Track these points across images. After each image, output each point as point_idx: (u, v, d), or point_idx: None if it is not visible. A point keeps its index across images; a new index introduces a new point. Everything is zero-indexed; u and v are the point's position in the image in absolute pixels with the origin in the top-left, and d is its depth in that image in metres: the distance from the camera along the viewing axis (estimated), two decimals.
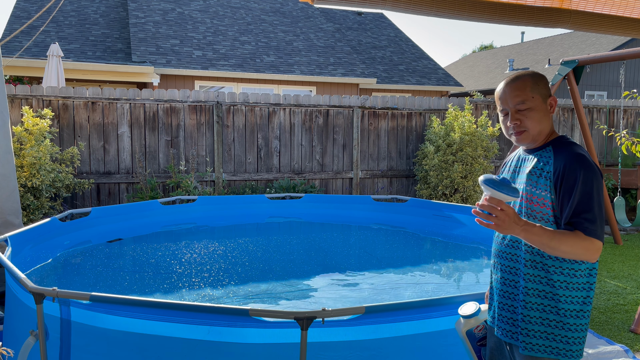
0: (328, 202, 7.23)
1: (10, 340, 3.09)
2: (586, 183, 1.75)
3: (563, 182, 1.78)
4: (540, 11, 2.93)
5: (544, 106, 1.89)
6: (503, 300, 1.95)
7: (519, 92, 1.88)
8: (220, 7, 15.65)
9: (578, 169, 1.76)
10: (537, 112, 1.88)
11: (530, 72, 1.94)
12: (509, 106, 1.91)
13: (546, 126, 1.90)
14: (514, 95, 1.89)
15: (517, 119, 1.89)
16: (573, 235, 1.73)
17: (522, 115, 1.88)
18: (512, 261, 1.92)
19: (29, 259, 4.52)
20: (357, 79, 13.14)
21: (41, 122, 6.26)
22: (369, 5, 2.69)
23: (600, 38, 19.48)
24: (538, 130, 1.89)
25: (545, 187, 1.82)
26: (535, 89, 1.89)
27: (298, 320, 2.26)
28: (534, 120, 1.88)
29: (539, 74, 1.95)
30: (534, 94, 1.89)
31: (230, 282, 4.62)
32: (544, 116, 1.89)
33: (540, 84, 1.91)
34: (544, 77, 1.94)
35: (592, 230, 1.73)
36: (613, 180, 8.91)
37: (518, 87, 1.89)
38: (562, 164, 1.80)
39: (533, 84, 1.89)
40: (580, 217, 1.74)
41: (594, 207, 1.74)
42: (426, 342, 2.66)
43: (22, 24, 12.36)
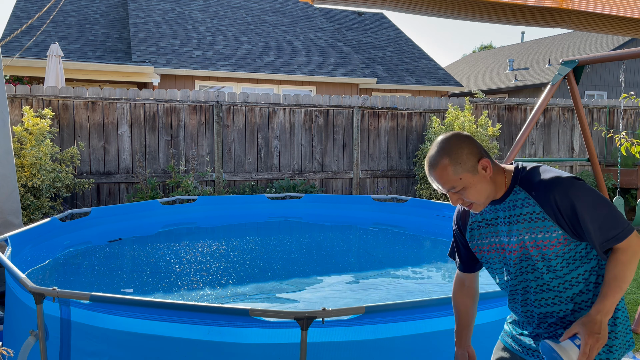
0: (328, 202, 7.23)
1: (10, 340, 3.09)
2: (583, 198, 1.65)
3: (564, 215, 1.68)
4: (540, 11, 2.93)
5: (477, 177, 1.72)
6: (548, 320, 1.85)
7: (444, 180, 1.72)
8: (220, 7, 15.65)
9: (565, 193, 1.66)
10: (472, 187, 1.73)
11: (447, 147, 1.72)
12: (443, 190, 1.77)
13: (491, 189, 1.76)
14: (442, 184, 1.74)
15: (458, 199, 1.77)
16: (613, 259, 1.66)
17: (460, 194, 1.75)
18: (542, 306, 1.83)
19: (29, 259, 4.52)
20: (357, 79, 13.14)
21: (41, 122, 6.26)
22: (369, 5, 2.69)
23: (600, 38, 19.48)
24: (485, 196, 1.76)
25: (547, 228, 1.71)
26: (459, 169, 1.70)
27: (298, 320, 2.26)
28: (475, 193, 1.74)
29: (457, 145, 1.73)
30: (459, 175, 1.71)
31: (230, 282, 4.62)
32: (482, 185, 1.74)
33: (461, 160, 1.71)
34: (463, 147, 1.72)
35: (621, 234, 1.65)
36: (613, 180, 8.91)
37: (440, 176, 1.72)
38: (549, 198, 1.68)
39: (454, 166, 1.70)
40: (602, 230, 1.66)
41: (605, 210, 1.67)
42: (426, 342, 2.66)
43: (22, 24, 12.36)
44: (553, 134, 9.49)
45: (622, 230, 1.65)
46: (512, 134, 9.20)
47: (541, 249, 1.73)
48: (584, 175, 9.18)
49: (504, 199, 1.79)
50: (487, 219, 1.87)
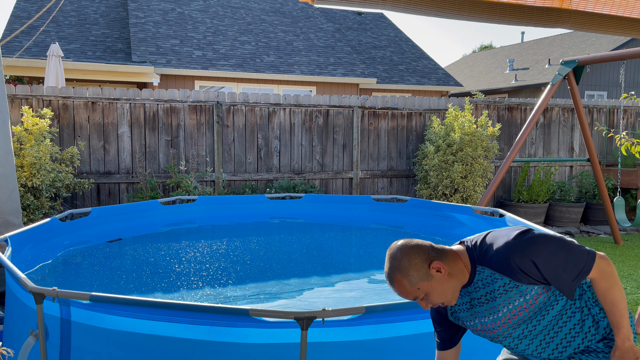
0: (328, 202, 7.23)
1: (10, 340, 3.09)
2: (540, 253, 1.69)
3: (531, 276, 1.71)
4: (540, 11, 2.93)
5: (433, 281, 1.74)
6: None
7: (405, 294, 1.76)
8: (220, 7, 15.65)
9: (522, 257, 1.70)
10: (434, 291, 1.75)
11: (396, 263, 1.75)
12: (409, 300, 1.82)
13: (453, 284, 1.78)
14: (404, 297, 1.78)
15: (427, 304, 1.80)
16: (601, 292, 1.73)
17: (427, 300, 1.78)
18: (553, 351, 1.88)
19: (29, 259, 4.52)
20: (357, 79, 13.14)
21: (41, 122, 6.26)
22: (369, 5, 2.69)
23: (600, 38, 19.48)
24: (451, 292, 1.78)
25: (522, 292, 1.75)
26: (414, 281, 1.73)
27: (298, 320, 2.26)
28: (439, 295, 1.77)
29: (406, 257, 1.74)
30: (416, 286, 1.74)
31: (231, 282, 4.62)
32: (442, 286, 1.76)
33: (411, 271, 1.73)
34: (411, 258, 1.74)
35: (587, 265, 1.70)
36: (613, 180, 8.91)
37: (400, 291, 1.76)
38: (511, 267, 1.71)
39: (408, 279, 1.73)
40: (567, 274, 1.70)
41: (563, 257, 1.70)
42: (426, 342, 2.66)
43: (22, 24, 12.36)
44: (553, 134, 9.49)
45: (585, 262, 1.69)
46: (512, 134, 9.21)
47: (523, 312, 1.76)
48: (584, 175, 9.18)
49: (471, 281, 1.81)
50: (464, 303, 1.89)
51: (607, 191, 8.24)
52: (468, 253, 1.82)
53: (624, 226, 7.02)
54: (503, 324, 1.82)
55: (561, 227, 8.48)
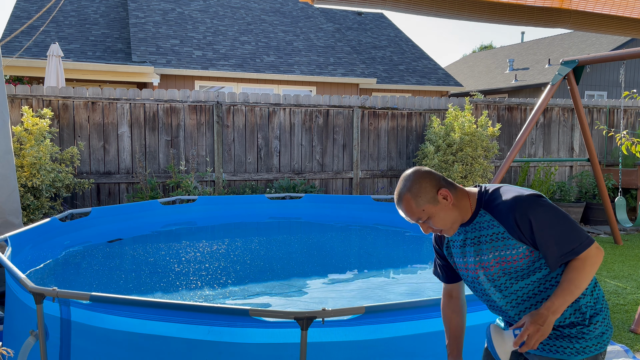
0: (328, 202, 7.23)
1: (10, 340, 3.09)
2: (539, 216, 1.75)
3: (524, 232, 1.77)
4: (540, 11, 2.93)
5: (439, 206, 1.86)
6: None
7: (409, 214, 1.87)
8: (220, 7, 15.65)
9: (524, 212, 1.76)
10: (437, 215, 1.87)
11: (408, 184, 1.86)
12: (412, 222, 1.92)
13: (455, 214, 1.89)
14: (408, 217, 1.89)
15: (427, 228, 1.91)
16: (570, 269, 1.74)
17: (427, 224, 1.89)
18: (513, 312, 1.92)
19: (29, 259, 4.52)
20: (357, 79, 13.14)
21: (41, 122, 6.26)
22: (369, 5, 2.69)
23: (600, 38, 19.48)
24: (450, 223, 1.89)
25: (510, 246, 1.81)
26: (420, 202, 1.85)
27: (298, 320, 2.26)
28: (440, 222, 1.87)
29: (416, 179, 1.86)
30: (422, 207, 1.85)
31: (231, 282, 4.62)
32: (445, 213, 1.87)
33: (421, 193, 1.85)
34: (421, 181, 1.86)
35: (577, 248, 1.74)
36: (613, 180, 8.91)
37: (406, 210, 1.87)
38: (510, 218, 1.79)
39: (415, 199, 1.85)
40: (559, 246, 1.74)
41: (562, 226, 1.75)
42: (426, 342, 2.66)
43: (22, 24, 12.36)
44: (553, 134, 9.49)
45: (579, 244, 1.74)
46: (512, 134, 9.21)
47: (505, 264, 1.83)
48: (584, 175, 9.17)
49: (471, 221, 1.91)
50: (458, 240, 1.98)
51: (607, 191, 8.24)
52: (478, 195, 1.92)
53: (625, 226, 7.01)
54: (484, 268, 1.89)
55: None
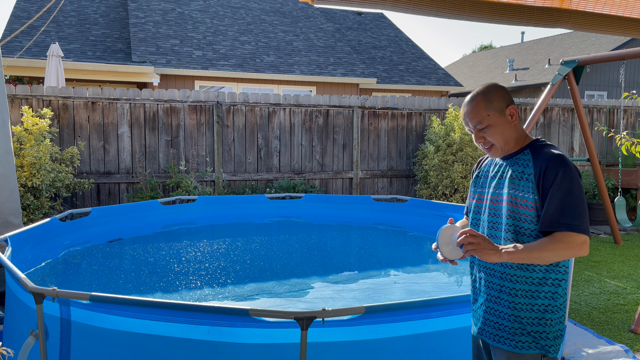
0: (328, 202, 7.23)
1: (10, 340, 3.09)
2: (565, 180, 1.79)
3: (544, 182, 1.82)
4: (540, 11, 2.93)
5: (503, 119, 1.94)
6: (489, 304, 1.97)
7: (474, 114, 1.94)
8: (220, 7, 15.65)
9: (558, 167, 1.81)
10: (496, 127, 1.93)
11: (484, 89, 1.97)
12: (470, 127, 1.99)
13: (511, 135, 1.95)
14: (471, 118, 1.96)
15: (481, 137, 1.96)
16: (550, 239, 1.77)
17: (484, 133, 1.95)
18: (498, 265, 1.94)
19: (29, 259, 4.52)
20: (357, 79, 13.14)
21: (41, 122, 6.26)
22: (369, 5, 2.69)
23: (600, 38, 19.48)
24: (503, 141, 1.95)
25: (528, 189, 1.85)
26: (490, 107, 1.93)
27: (298, 320, 2.26)
28: (496, 135, 1.94)
29: (494, 87, 1.97)
30: (488, 112, 1.93)
31: (231, 281, 4.62)
32: (505, 128, 1.94)
33: (494, 99, 1.94)
34: (499, 90, 1.96)
35: (572, 225, 1.76)
36: (613, 180, 8.91)
37: (472, 109, 1.95)
38: (543, 165, 1.84)
39: (486, 102, 1.93)
40: (560, 213, 1.78)
41: (575, 203, 1.78)
42: (426, 342, 2.66)
43: (22, 24, 12.36)
44: (553, 134, 9.49)
45: (576, 226, 1.77)
46: None
47: (517, 206, 1.87)
48: (584, 175, 9.17)
49: (513, 155, 1.96)
50: (491, 171, 2.04)
51: (607, 191, 8.24)
52: (534, 139, 1.98)
53: (625, 226, 7.01)
54: (495, 202, 1.95)
55: None
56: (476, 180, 2.11)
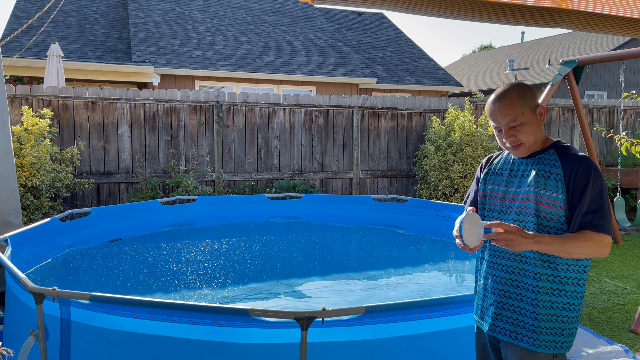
0: (328, 202, 7.22)
1: (10, 340, 3.09)
2: (597, 183, 1.83)
3: (575, 184, 1.84)
4: (540, 11, 2.93)
5: (535, 117, 1.95)
6: (504, 300, 1.97)
7: (509, 110, 1.92)
8: (220, 7, 15.65)
9: (589, 170, 1.84)
10: (529, 125, 1.93)
11: (515, 86, 1.96)
12: (501, 124, 1.95)
13: (540, 135, 1.97)
14: (505, 115, 1.93)
15: (512, 135, 1.94)
16: (582, 235, 1.81)
17: (516, 130, 1.94)
18: (515, 261, 1.94)
19: (29, 259, 4.52)
20: (357, 79, 13.14)
21: (40, 122, 6.26)
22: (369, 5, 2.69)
23: (600, 38, 19.48)
24: (533, 141, 1.95)
25: (556, 188, 1.87)
26: (524, 104, 1.93)
27: (298, 320, 2.26)
28: (528, 134, 1.93)
29: (524, 85, 1.97)
30: (523, 109, 1.93)
31: (231, 282, 4.62)
32: (536, 127, 1.95)
33: (527, 97, 1.94)
34: (530, 89, 1.97)
35: (603, 227, 1.81)
36: (613, 180, 8.90)
37: (507, 105, 1.93)
38: (574, 166, 1.86)
39: (520, 100, 1.93)
40: (593, 215, 1.82)
41: (605, 205, 1.83)
42: (426, 342, 2.66)
43: (22, 24, 12.36)
44: (553, 133, 9.49)
45: (604, 227, 1.82)
46: None
47: (542, 205, 1.88)
48: None
49: (535, 154, 1.97)
50: (506, 169, 2.04)
51: (607, 191, 8.24)
52: (556, 140, 2.00)
53: (624, 226, 7.01)
54: (521, 200, 1.94)
55: None
56: (486, 177, 2.10)
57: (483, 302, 2.06)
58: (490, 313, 2.01)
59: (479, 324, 2.09)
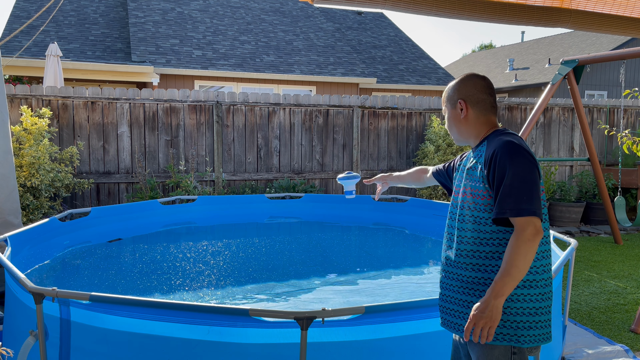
0: (328, 202, 7.22)
1: (10, 340, 3.09)
2: (512, 166, 1.76)
3: (490, 170, 1.82)
4: (540, 11, 2.92)
5: (453, 112, 2.00)
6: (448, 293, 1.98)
7: (442, 101, 2.07)
8: (220, 6, 15.64)
9: (502, 154, 1.79)
10: (449, 120, 2.03)
11: (459, 77, 2.02)
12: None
13: (462, 128, 2.00)
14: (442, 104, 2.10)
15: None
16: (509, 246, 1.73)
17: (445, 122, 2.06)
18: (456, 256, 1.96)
19: (28, 259, 4.51)
20: (357, 78, 13.13)
21: (40, 122, 6.25)
22: (369, 5, 2.69)
23: (601, 37, 19.48)
24: (455, 132, 2.02)
25: (481, 179, 1.87)
26: (446, 97, 2.02)
27: (298, 320, 2.26)
28: (448, 124, 2.04)
29: (459, 80, 2.01)
30: (444, 103, 2.04)
31: (230, 282, 4.61)
32: (454, 121, 2.01)
33: (451, 90, 2.01)
34: (463, 82, 1.99)
35: (518, 210, 1.72)
36: (613, 180, 8.90)
37: (442, 96, 2.07)
38: (490, 152, 1.84)
39: (446, 92, 2.02)
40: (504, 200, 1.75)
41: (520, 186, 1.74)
42: (426, 342, 2.65)
43: (22, 23, 12.35)
44: (553, 133, 9.49)
45: (522, 209, 1.71)
46: None
47: (474, 197, 1.88)
48: (584, 175, 9.17)
49: (476, 148, 1.98)
50: (463, 164, 2.06)
51: (607, 191, 8.23)
52: (496, 130, 1.97)
53: (625, 226, 7.01)
54: (463, 194, 1.95)
55: (561, 226, 8.48)
56: (455, 175, 2.15)
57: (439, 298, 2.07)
58: (438, 305, 2.05)
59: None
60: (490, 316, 1.71)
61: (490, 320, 1.71)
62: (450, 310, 1.96)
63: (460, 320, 1.92)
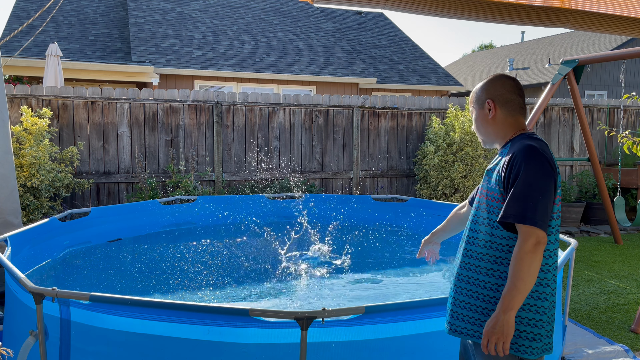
0: (328, 202, 7.22)
1: (10, 340, 3.09)
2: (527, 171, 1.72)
3: (506, 174, 1.79)
4: (540, 11, 2.92)
5: (481, 112, 1.98)
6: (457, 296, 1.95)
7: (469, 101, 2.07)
8: (220, 6, 15.64)
9: (519, 158, 1.75)
10: (476, 121, 2.02)
11: (488, 78, 2.01)
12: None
13: (489, 129, 1.98)
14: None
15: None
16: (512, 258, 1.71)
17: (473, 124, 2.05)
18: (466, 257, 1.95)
19: (28, 259, 4.51)
20: (357, 78, 13.13)
21: (40, 122, 6.25)
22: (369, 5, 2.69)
23: (601, 37, 19.48)
24: (482, 134, 2.01)
25: (496, 181, 1.85)
26: (474, 97, 2.02)
27: (298, 320, 2.26)
28: (475, 125, 2.03)
29: (487, 80, 2.00)
30: (472, 103, 2.03)
31: (230, 282, 4.61)
32: (482, 121, 1.99)
33: (477, 93, 2.00)
34: (491, 83, 1.98)
35: (523, 217, 1.69)
36: (613, 180, 8.90)
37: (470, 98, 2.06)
38: (508, 156, 1.81)
39: (475, 93, 2.01)
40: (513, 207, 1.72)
41: (529, 195, 1.70)
42: (426, 342, 2.65)
43: (22, 23, 12.35)
44: (553, 133, 9.49)
45: (526, 216, 1.68)
46: None
47: (489, 199, 1.86)
48: (584, 175, 9.17)
49: (500, 151, 1.97)
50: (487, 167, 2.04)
51: (607, 191, 8.24)
52: (522, 133, 1.93)
53: (625, 226, 7.01)
54: (481, 195, 1.95)
55: (561, 226, 8.48)
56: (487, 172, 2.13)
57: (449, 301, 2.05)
58: (448, 310, 2.01)
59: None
60: (501, 331, 1.68)
61: (502, 335, 1.69)
62: (459, 315, 1.92)
63: (470, 325, 1.87)
